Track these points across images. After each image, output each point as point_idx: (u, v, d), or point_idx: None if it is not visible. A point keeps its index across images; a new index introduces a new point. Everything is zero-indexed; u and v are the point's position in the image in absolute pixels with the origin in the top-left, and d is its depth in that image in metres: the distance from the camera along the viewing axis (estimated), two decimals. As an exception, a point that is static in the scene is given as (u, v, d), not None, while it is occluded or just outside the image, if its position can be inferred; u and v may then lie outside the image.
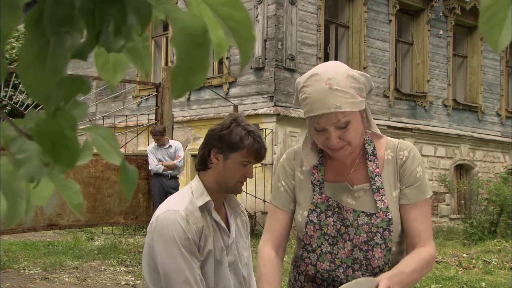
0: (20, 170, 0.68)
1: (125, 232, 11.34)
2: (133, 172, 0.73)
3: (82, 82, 0.72)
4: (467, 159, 15.31)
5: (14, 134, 0.71)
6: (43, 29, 0.68)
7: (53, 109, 0.69)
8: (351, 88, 1.78)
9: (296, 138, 11.70)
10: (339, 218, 1.93)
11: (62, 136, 0.68)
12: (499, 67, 16.39)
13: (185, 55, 0.69)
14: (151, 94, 12.60)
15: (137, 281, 7.15)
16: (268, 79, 11.69)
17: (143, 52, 0.75)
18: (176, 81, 0.69)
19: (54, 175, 0.73)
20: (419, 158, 1.96)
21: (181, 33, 0.69)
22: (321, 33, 12.41)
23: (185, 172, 12.24)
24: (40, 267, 7.79)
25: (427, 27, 14.58)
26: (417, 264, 1.83)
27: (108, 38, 0.69)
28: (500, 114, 16.39)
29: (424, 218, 1.90)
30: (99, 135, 0.75)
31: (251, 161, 2.18)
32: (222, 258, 2.22)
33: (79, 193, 0.75)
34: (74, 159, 0.69)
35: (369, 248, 1.88)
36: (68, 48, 0.69)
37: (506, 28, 0.59)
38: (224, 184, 2.21)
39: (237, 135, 2.14)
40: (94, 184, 8.65)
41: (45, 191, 0.77)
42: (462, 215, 14.24)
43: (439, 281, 7.22)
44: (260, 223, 11.26)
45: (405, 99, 14.17)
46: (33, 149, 0.69)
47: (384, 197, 1.90)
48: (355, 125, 1.82)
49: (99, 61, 0.76)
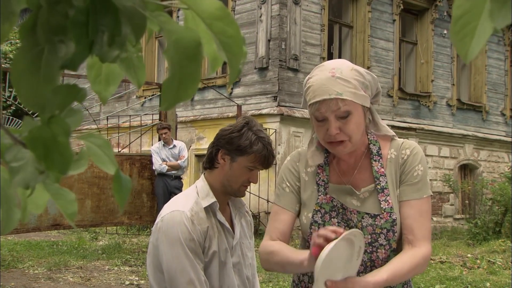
0: (15, 178, 0.69)
1: (129, 232, 11.36)
2: (127, 181, 0.74)
3: (77, 90, 0.72)
4: (472, 159, 15.28)
5: (10, 142, 0.72)
6: (37, 38, 0.69)
7: (48, 117, 0.70)
8: (354, 80, 1.80)
9: (300, 138, 11.70)
10: (344, 219, 1.93)
11: (54, 142, 0.68)
12: (503, 67, 16.34)
13: (177, 68, 0.70)
14: (155, 94, 12.64)
15: (141, 281, 7.17)
16: (271, 79, 11.69)
17: (137, 63, 0.75)
18: (167, 94, 0.70)
19: (49, 183, 0.73)
20: (422, 157, 1.95)
21: (174, 45, 0.70)
22: (325, 33, 12.40)
23: (189, 172, 12.25)
24: (44, 266, 7.81)
25: (431, 27, 14.55)
26: (409, 268, 1.81)
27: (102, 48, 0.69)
28: (504, 113, 16.35)
29: (420, 216, 1.89)
30: (94, 143, 0.76)
31: (257, 166, 2.18)
32: (226, 259, 2.22)
33: (74, 202, 0.76)
34: (67, 165, 0.69)
35: (374, 249, 1.88)
36: (61, 57, 0.70)
37: (477, 37, 0.60)
38: (228, 186, 2.21)
39: (247, 139, 2.14)
40: (98, 184, 8.68)
41: (41, 199, 0.77)
42: (467, 215, 14.19)
43: (443, 281, 7.21)
44: (264, 223, 11.27)
45: (409, 99, 14.15)
46: (28, 157, 0.70)
47: (388, 197, 1.90)
48: (356, 119, 1.82)
49: (91, 73, 0.77)
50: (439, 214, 14.12)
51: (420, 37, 14.73)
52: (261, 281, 6.61)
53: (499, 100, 16.27)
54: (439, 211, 14.20)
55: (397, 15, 13.86)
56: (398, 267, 1.79)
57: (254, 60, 11.78)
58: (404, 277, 1.82)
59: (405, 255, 1.84)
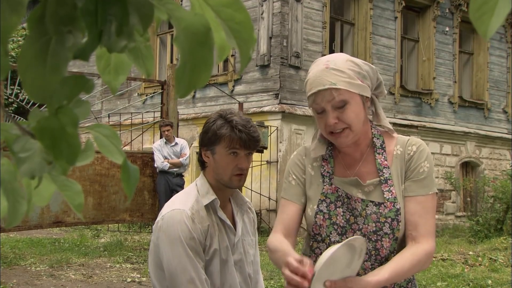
0: (22, 168, 0.68)
1: (130, 230, 11.36)
2: (135, 170, 0.74)
3: (84, 81, 0.72)
4: (473, 157, 15.26)
5: (18, 133, 0.71)
6: (45, 28, 0.68)
7: (56, 107, 0.70)
8: (349, 70, 1.83)
9: (301, 136, 11.69)
10: (349, 209, 1.94)
11: (63, 132, 0.68)
12: (505, 64, 16.31)
13: (188, 55, 0.70)
14: (156, 91, 12.63)
15: (143, 278, 7.17)
16: (273, 77, 11.68)
17: (145, 52, 0.75)
18: (180, 81, 0.69)
19: (55, 175, 0.73)
20: (428, 154, 1.96)
21: (184, 33, 0.69)
22: (327, 30, 12.39)
23: (191, 170, 12.25)
24: (46, 264, 7.82)
25: (433, 24, 14.53)
26: (412, 265, 1.81)
27: (110, 38, 0.69)
28: (506, 111, 16.32)
29: (425, 213, 1.89)
30: (102, 133, 0.76)
31: (237, 149, 2.14)
32: (227, 256, 2.21)
33: (81, 193, 0.76)
34: (75, 155, 0.69)
35: (378, 238, 1.89)
36: (69, 48, 0.69)
37: (496, 16, 0.60)
38: (221, 180, 2.20)
39: (212, 129, 2.15)
40: (99, 181, 8.68)
41: (46, 191, 0.77)
42: (468, 212, 14.19)
43: (445, 279, 7.20)
44: (265, 220, 11.26)
45: (411, 96, 14.13)
46: (36, 147, 0.70)
47: (392, 188, 1.91)
48: (354, 108, 1.84)
49: (100, 64, 0.76)
50: (440, 212, 14.11)
51: (422, 34, 14.71)
52: (263, 278, 6.61)
53: (501, 97, 16.24)
54: (441, 209, 14.19)
55: (399, 12, 13.84)
56: (400, 265, 1.79)
57: (255, 57, 11.77)
58: (406, 274, 1.82)
59: (408, 252, 1.84)
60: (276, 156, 11.31)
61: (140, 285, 6.83)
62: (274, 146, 11.25)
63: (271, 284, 6.76)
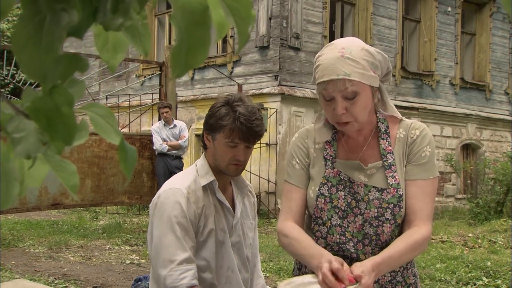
0: (16, 148, 0.66)
1: (129, 212, 11.40)
2: (132, 151, 0.72)
3: (79, 59, 0.71)
4: (474, 139, 15.26)
5: (11, 113, 0.69)
6: (39, 6, 0.67)
7: (50, 87, 0.68)
8: (364, 60, 1.81)
9: (301, 118, 11.66)
10: (350, 192, 1.94)
11: (58, 113, 0.67)
12: (508, 45, 16.21)
13: (185, 34, 0.68)
14: (154, 73, 12.57)
15: (142, 260, 7.20)
16: (272, 58, 11.62)
17: (142, 31, 0.74)
18: (176, 60, 0.68)
19: (50, 155, 0.71)
20: (430, 138, 1.98)
21: (181, 11, 0.68)
22: (327, 10, 12.30)
23: (189, 152, 12.25)
24: (45, 245, 7.85)
25: (435, 4, 14.42)
26: (408, 247, 1.83)
27: (105, 16, 0.68)
28: (508, 92, 16.27)
29: (425, 197, 1.90)
30: (98, 113, 0.74)
31: (236, 141, 2.12)
32: (224, 238, 2.21)
33: (75, 174, 0.74)
34: (71, 136, 0.68)
35: (379, 223, 1.90)
36: (64, 26, 0.68)
37: None
38: (218, 165, 2.20)
39: (217, 116, 2.13)
40: (98, 163, 8.68)
41: (39, 172, 0.75)
42: (468, 195, 14.22)
43: (444, 261, 7.23)
44: (265, 203, 11.29)
45: (412, 78, 14.08)
46: (30, 127, 0.68)
47: (395, 174, 1.91)
48: (363, 100, 1.83)
49: (99, 42, 0.75)
50: (440, 194, 14.13)
51: (423, 15, 14.61)
52: (262, 260, 6.64)
53: (503, 78, 16.17)
54: (441, 191, 14.22)
55: (400, -7, 13.73)
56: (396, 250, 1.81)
57: (254, 38, 11.70)
58: (402, 258, 1.84)
59: (404, 237, 1.86)
60: (276, 139, 11.29)
61: (139, 267, 6.86)
62: (274, 128, 11.23)
63: (270, 266, 6.79)
